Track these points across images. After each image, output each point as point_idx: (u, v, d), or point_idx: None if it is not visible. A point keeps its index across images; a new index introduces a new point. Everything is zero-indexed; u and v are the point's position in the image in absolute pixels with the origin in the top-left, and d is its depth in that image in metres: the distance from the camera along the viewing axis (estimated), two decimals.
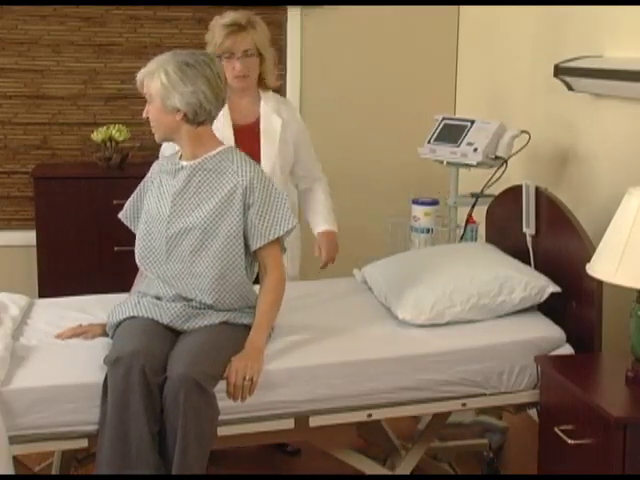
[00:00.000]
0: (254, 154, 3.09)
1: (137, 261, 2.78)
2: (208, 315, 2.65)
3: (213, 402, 2.45)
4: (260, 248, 2.68)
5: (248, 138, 3.24)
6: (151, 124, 2.71)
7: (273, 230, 2.66)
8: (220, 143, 2.75)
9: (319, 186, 3.45)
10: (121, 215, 2.88)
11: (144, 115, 2.72)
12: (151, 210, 2.75)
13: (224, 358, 2.53)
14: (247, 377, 2.48)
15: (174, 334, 2.64)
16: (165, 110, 2.64)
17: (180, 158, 2.75)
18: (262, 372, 2.51)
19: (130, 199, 2.87)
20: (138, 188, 2.86)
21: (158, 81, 2.63)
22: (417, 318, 2.81)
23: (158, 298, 2.70)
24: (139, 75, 2.70)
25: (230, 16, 3.24)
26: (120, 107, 4.34)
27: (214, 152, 2.71)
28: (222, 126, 3.15)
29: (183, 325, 2.64)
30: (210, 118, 2.69)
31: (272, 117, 3.31)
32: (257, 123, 3.30)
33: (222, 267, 2.64)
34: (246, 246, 2.69)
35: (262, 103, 3.32)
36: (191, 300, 2.67)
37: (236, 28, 3.20)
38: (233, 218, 2.65)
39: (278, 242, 2.71)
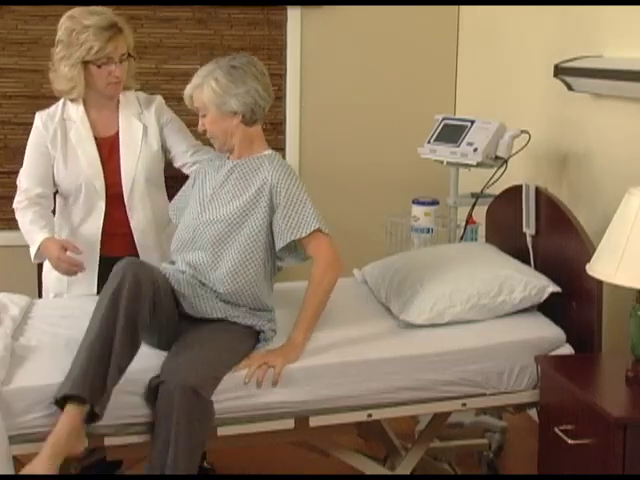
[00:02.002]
0: (118, 167, 3.04)
1: (171, 249, 2.86)
2: (210, 301, 2.67)
3: (208, 408, 2.44)
4: (301, 243, 2.68)
5: (111, 151, 3.07)
6: (208, 135, 2.76)
7: (295, 231, 2.66)
8: (267, 147, 2.80)
9: None
10: (170, 207, 2.97)
11: (200, 129, 2.78)
12: (192, 202, 2.82)
13: (224, 359, 2.53)
14: (268, 363, 2.52)
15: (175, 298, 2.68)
16: (222, 116, 2.70)
17: (228, 158, 2.82)
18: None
19: (180, 192, 2.95)
20: (187, 182, 2.94)
21: (209, 89, 2.68)
22: (417, 318, 2.81)
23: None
24: (187, 91, 2.74)
25: (98, 15, 2.94)
26: None
27: (258, 155, 2.76)
28: (84, 141, 3.05)
29: (185, 292, 2.66)
30: (263, 115, 2.75)
31: (132, 124, 3.09)
32: (119, 133, 3.09)
33: (240, 261, 2.67)
34: (271, 245, 2.72)
35: (121, 109, 3.09)
36: (204, 284, 2.71)
37: (116, 31, 2.95)
38: (258, 215, 2.68)
39: (316, 234, 2.68)
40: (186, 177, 3.08)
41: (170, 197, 3.10)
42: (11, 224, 4.35)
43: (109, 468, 2.88)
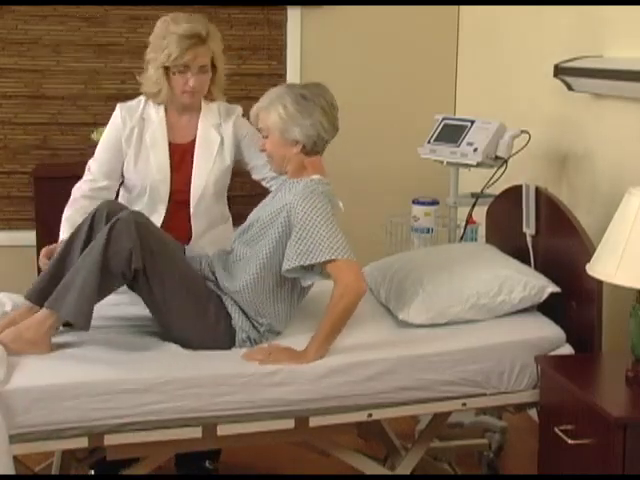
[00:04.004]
0: (188, 175, 3.02)
1: None
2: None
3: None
4: (324, 266, 2.62)
5: (183, 158, 3.04)
6: (267, 155, 2.77)
7: (305, 257, 2.59)
8: (315, 174, 2.75)
9: None
10: None
11: (260, 148, 2.81)
12: None
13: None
14: (277, 359, 2.56)
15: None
16: (284, 143, 2.70)
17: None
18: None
19: None
20: None
21: (276, 115, 2.68)
22: (417, 318, 2.81)
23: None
24: (254, 109, 2.75)
25: (186, 23, 2.91)
26: None
27: (303, 178, 2.73)
28: (158, 145, 3.03)
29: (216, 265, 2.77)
30: (324, 147, 2.76)
31: (210, 135, 3.05)
32: (195, 142, 3.06)
33: (249, 276, 2.68)
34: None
35: (201, 117, 3.06)
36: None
37: (197, 41, 2.90)
38: (273, 233, 2.67)
39: (334, 260, 2.60)
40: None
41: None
42: (11, 224, 4.37)
43: (110, 468, 2.88)
